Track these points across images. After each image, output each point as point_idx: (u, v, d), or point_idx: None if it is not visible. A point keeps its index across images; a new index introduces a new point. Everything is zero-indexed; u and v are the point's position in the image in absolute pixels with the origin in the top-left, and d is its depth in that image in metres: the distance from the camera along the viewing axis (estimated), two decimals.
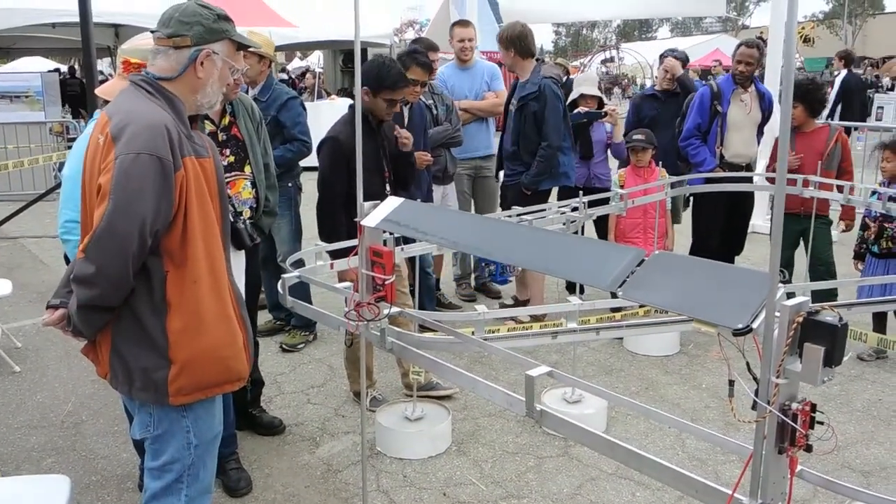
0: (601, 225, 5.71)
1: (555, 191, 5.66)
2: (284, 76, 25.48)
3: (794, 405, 1.39)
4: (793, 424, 1.37)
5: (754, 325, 1.37)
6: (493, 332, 2.87)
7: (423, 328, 2.81)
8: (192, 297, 2.24)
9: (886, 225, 4.87)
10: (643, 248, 5.29)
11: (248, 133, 3.61)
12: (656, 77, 6.14)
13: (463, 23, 6.24)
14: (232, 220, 2.84)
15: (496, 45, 5.72)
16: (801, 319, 1.36)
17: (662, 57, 6.19)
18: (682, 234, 6.08)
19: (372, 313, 2.36)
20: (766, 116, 5.67)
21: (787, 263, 5.44)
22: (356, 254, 2.41)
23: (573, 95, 5.88)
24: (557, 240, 1.88)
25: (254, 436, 4.07)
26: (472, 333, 2.59)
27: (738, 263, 6.01)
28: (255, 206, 3.66)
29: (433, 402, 4.23)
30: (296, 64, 30.05)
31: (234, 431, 3.73)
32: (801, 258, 5.46)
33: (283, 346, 5.26)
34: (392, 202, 2.34)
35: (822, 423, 1.43)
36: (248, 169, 3.61)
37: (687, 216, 6.30)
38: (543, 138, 5.17)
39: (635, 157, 5.46)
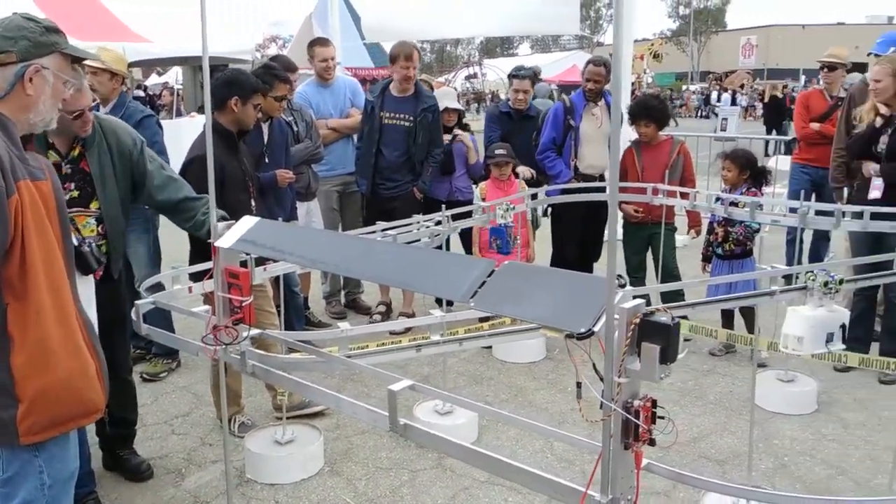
0: (466, 238, 5.82)
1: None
2: (142, 93, 24.51)
3: (637, 402, 1.47)
4: (635, 421, 1.45)
5: (596, 329, 1.44)
6: (364, 347, 2.86)
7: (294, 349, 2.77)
8: (37, 329, 2.11)
9: (730, 229, 5.22)
10: (506, 258, 5.45)
11: (99, 166, 3.34)
12: (508, 96, 6.32)
13: (323, 41, 6.24)
14: (76, 244, 2.68)
15: (361, 60, 5.83)
16: (637, 321, 1.44)
17: (511, 77, 6.34)
18: (545, 242, 6.27)
19: (230, 336, 2.30)
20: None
21: (638, 268, 5.72)
22: (211, 276, 2.35)
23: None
24: (413, 254, 1.90)
25: (115, 473, 3.87)
26: (337, 351, 2.57)
27: (597, 270, 6.27)
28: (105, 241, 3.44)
29: (304, 424, 4.17)
30: (154, 80, 28.95)
31: (91, 469, 3.53)
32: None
33: (145, 375, 5.03)
34: (247, 222, 2.30)
35: (662, 417, 1.52)
36: (94, 205, 3.34)
37: (547, 224, 6.50)
38: (438, 143, 5.74)
39: (497, 170, 5.60)
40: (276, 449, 3.86)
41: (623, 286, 1.64)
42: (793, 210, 4.59)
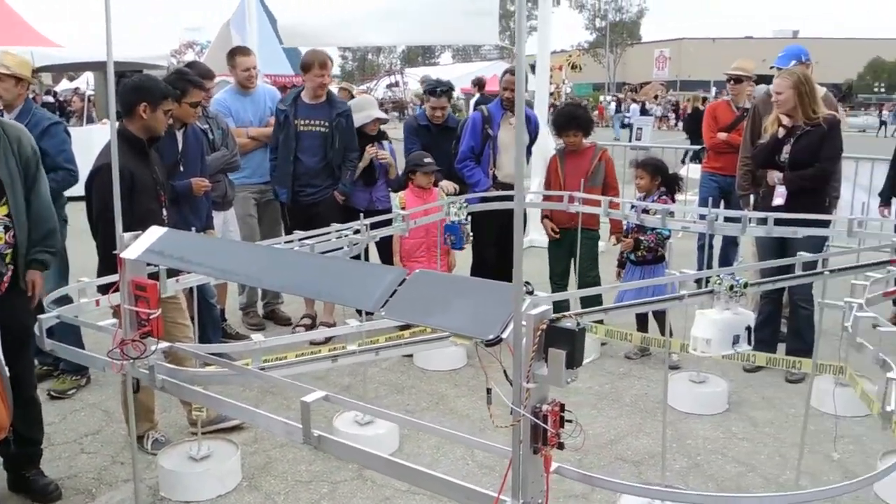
0: (384, 248, 5.80)
1: None
2: (51, 99, 23.63)
3: (545, 407, 1.49)
4: (543, 425, 1.47)
5: (504, 336, 1.45)
6: (282, 358, 2.81)
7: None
8: None
9: (641, 237, 5.36)
10: (428, 266, 5.45)
11: (8, 171, 3.24)
12: (425, 108, 6.32)
13: (245, 50, 6.15)
14: None
15: (281, 67, 5.81)
16: (544, 327, 1.47)
17: (428, 94, 6.34)
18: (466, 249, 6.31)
19: (137, 351, 2.23)
20: (533, 138, 6.07)
21: (562, 274, 5.80)
22: (118, 289, 2.28)
23: (364, 119, 5.94)
24: (325, 264, 1.89)
25: (21, 495, 3.69)
26: (251, 364, 2.53)
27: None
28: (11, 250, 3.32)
29: (221, 438, 4.07)
30: (65, 85, 27.93)
31: None
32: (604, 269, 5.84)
33: (52, 392, 4.82)
34: (155, 232, 2.23)
35: (570, 421, 1.54)
36: (2, 211, 3.26)
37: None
38: (353, 148, 5.78)
39: (426, 179, 5.58)
40: (191, 465, 3.76)
41: (531, 293, 1.66)
42: (702, 217, 4.74)
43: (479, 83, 16.18)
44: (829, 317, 3.62)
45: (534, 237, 8.68)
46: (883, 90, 72.53)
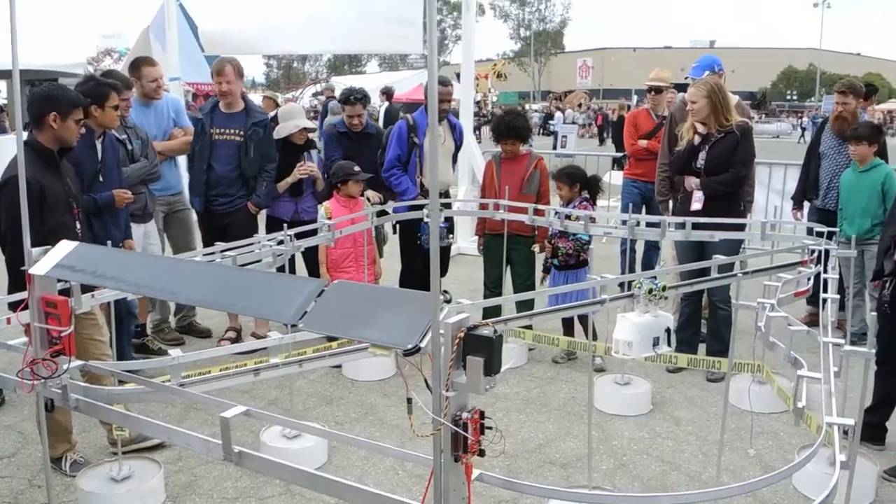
0: (311, 259, 5.74)
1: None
2: None
3: (465, 415, 1.49)
4: (464, 433, 1.47)
5: (423, 345, 1.45)
6: (205, 373, 2.75)
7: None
8: None
9: (560, 244, 5.44)
10: (356, 276, 5.41)
11: None
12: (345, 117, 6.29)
13: (150, 61, 5.96)
14: None
15: (203, 75, 5.73)
16: (462, 335, 1.47)
17: (343, 103, 6.30)
18: (394, 257, 6.29)
19: (48, 370, 2.14)
20: (458, 145, 6.11)
21: (498, 281, 5.80)
22: (26, 307, 2.19)
23: (290, 129, 5.87)
24: (242, 276, 1.85)
25: None
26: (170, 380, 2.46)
27: (447, 284, 6.37)
28: None
29: (143, 458, 3.95)
30: None
31: None
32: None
33: None
34: (65, 246, 2.16)
35: (490, 428, 1.55)
36: None
37: (395, 240, 6.52)
38: (272, 159, 5.72)
39: (356, 187, 5.53)
40: (111, 486, 3.63)
41: (448, 301, 1.66)
42: (624, 222, 4.85)
43: (388, 93, 16.27)
44: (747, 317, 3.75)
45: (462, 245, 8.73)
46: (795, 97, 75.82)
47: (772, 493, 3.77)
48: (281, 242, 4.20)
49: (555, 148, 21.49)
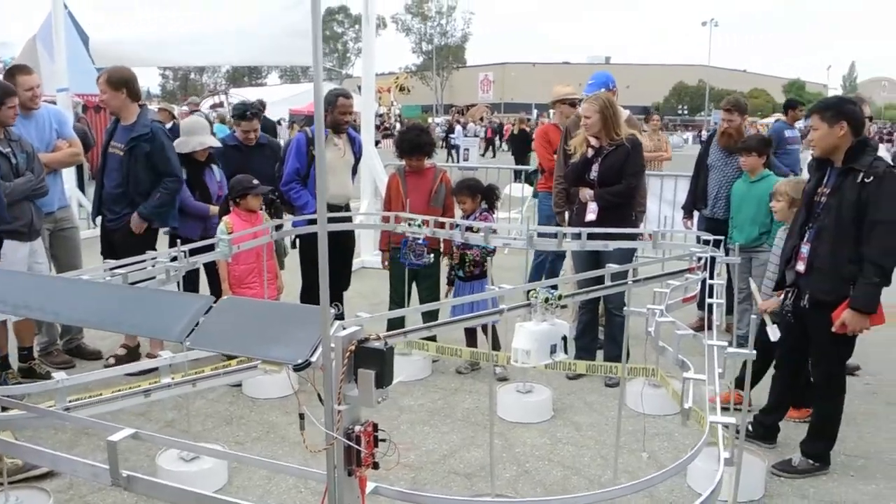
0: (214, 275, 5.58)
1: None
2: None
3: (357, 428, 1.49)
4: (356, 447, 1.47)
5: (313, 359, 1.44)
6: (95, 396, 2.64)
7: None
8: None
9: (467, 252, 5.51)
10: (261, 292, 5.31)
11: None
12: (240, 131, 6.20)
13: (26, 69, 5.67)
14: None
15: (93, 86, 5.56)
16: (353, 348, 1.47)
17: (238, 119, 6.21)
18: (294, 272, 6.20)
19: None
20: (357, 158, 6.10)
21: (404, 295, 5.74)
22: None
23: (196, 146, 5.72)
24: (128, 294, 1.79)
25: None
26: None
27: (350, 299, 6.32)
28: None
29: (31, 487, 3.75)
30: None
31: None
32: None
33: None
34: None
35: (384, 440, 1.55)
36: None
37: (295, 255, 6.43)
38: (169, 173, 5.47)
39: (256, 201, 5.41)
40: None
41: (339, 315, 1.65)
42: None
43: (262, 106, 16.16)
44: (643, 323, 3.89)
45: (365, 258, 8.70)
46: (686, 112, 79.38)
47: (668, 493, 3.90)
48: (175, 259, 4.08)
49: (450, 161, 21.72)
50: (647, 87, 76.31)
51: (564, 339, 3.36)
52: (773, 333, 4.13)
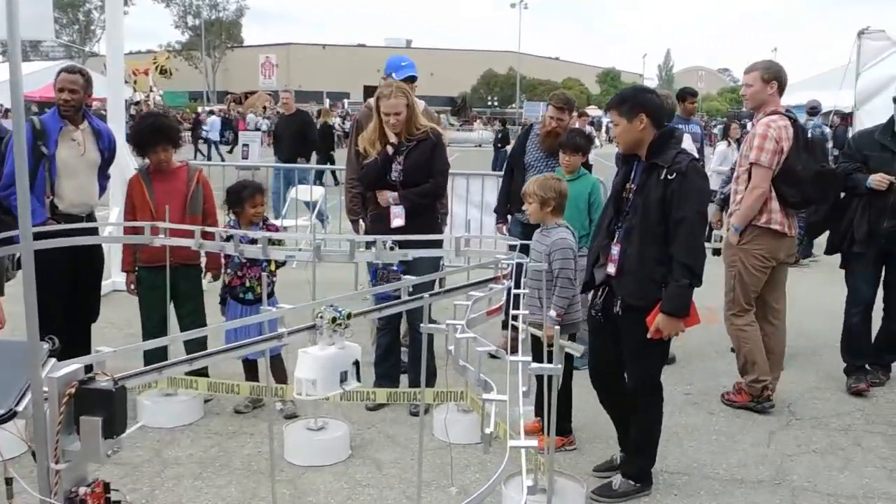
0: None
1: None
2: None
3: (83, 490, 1.39)
4: None
5: (19, 408, 1.34)
6: None
7: None
8: None
9: (249, 273, 5.38)
10: None
11: None
12: None
13: None
14: None
15: None
16: (73, 391, 1.38)
17: None
18: (18, 301, 5.77)
19: None
20: (107, 157, 5.71)
21: (160, 325, 5.45)
22: None
23: None
24: None
25: None
26: None
27: (99, 330, 5.96)
28: None
29: None
30: None
31: None
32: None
33: None
34: None
35: (119, 501, 1.47)
36: None
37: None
38: None
39: None
40: None
41: (55, 351, 1.51)
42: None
43: None
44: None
45: (117, 280, 8.26)
46: (496, 103, 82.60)
47: None
48: None
49: (199, 158, 21.07)
50: (454, 75, 78.83)
51: (357, 363, 3.35)
52: (575, 349, 4.31)
